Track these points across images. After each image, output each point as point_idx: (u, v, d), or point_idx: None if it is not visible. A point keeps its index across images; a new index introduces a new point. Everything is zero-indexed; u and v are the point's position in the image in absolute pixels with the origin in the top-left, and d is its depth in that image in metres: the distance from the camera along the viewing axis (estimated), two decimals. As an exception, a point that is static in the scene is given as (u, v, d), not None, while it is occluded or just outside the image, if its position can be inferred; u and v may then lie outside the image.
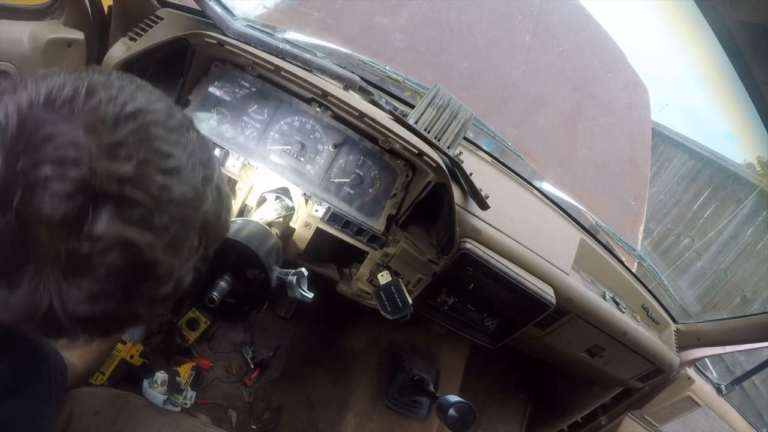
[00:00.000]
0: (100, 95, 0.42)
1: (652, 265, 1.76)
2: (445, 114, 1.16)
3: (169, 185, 0.44)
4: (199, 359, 1.72)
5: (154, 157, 0.43)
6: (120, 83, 0.46)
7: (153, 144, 0.44)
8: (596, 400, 1.81)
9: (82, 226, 0.39)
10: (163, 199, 0.43)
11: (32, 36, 1.04)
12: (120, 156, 0.41)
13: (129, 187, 0.41)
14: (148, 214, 0.42)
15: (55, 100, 0.41)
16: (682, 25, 0.92)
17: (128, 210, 0.41)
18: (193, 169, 0.47)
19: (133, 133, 0.42)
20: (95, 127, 0.40)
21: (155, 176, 0.43)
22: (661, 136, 6.42)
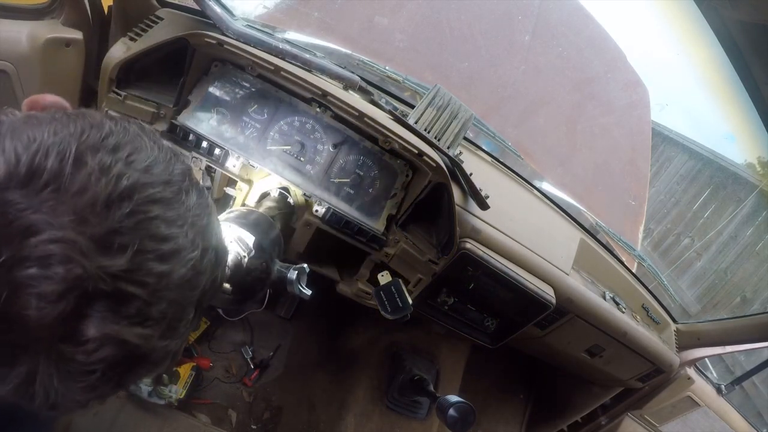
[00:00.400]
0: (90, 167, 0.37)
1: (652, 265, 1.76)
2: (445, 114, 1.16)
3: (168, 272, 0.40)
4: (199, 359, 1.72)
5: (151, 244, 0.39)
6: (114, 141, 0.40)
7: (150, 228, 0.39)
8: (596, 400, 1.81)
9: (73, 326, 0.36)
10: (161, 288, 0.40)
11: (31, 35, 1.04)
12: (113, 248, 0.36)
13: (123, 283, 0.37)
14: (144, 306, 0.38)
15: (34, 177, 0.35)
16: (682, 25, 0.92)
17: (123, 307, 0.37)
18: (192, 244, 0.43)
19: (128, 216, 0.37)
20: (84, 215, 0.35)
21: (152, 266, 0.39)
22: (661, 136, 6.43)
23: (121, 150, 0.40)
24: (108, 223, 0.36)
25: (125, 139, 0.42)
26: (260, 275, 0.89)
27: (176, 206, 0.42)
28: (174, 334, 0.43)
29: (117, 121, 0.43)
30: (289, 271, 0.92)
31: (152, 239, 0.39)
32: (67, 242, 0.34)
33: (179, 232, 0.41)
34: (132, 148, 0.41)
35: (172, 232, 0.41)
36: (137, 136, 0.43)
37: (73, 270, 0.34)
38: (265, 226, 0.96)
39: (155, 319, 0.40)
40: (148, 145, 0.43)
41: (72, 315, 0.35)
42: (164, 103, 1.09)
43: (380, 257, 1.20)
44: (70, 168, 0.36)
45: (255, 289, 0.90)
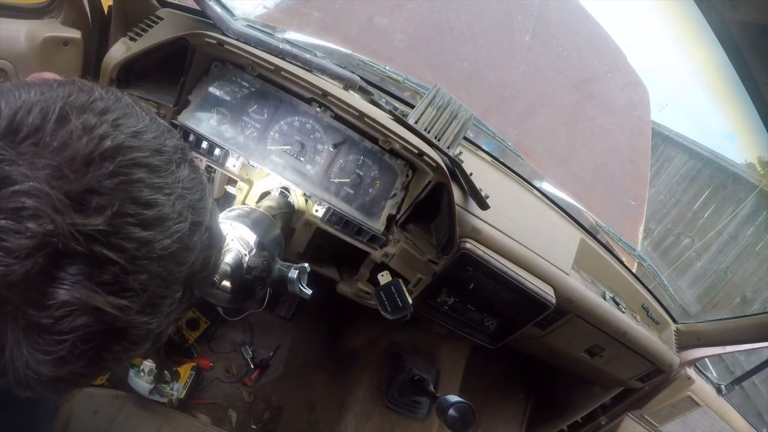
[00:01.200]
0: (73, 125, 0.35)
1: (652, 265, 1.76)
2: (445, 114, 1.16)
3: (149, 239, 0.37)
4: (199, 359, 1.72)
5: (132, 207, 0.36)
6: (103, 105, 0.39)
7: (132, 191, 0.37)
8: (596, 400, 1.80)
9: (43, 289, 0.34)
10: (141, 256, 0.37)
11: (29, 34, 1.05)
12: (90, 207, 0.34)
13: (99, 245, 0.34)
14: (122, 274, 0.36)
15: (18, 129, 0.34)
16: (682, 25, 0.92)
17: (98, 271, 0.35)
18: (179, 216, 0.40)
19: (108, 176, 0.35)
20: (62, 170, 0.34)
21: (132, 230, 0.36)
22: (661, 136, 6.43)
23: (108, 113, 0.38)
24: (86, 180, 0.34)
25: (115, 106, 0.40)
26: (261, 274, 0.89)
27: (164, 174, 0.40)
28: (156, 311, 0.40)
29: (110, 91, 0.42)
30: (290, 271, 0.92)
31: (134, 203, 0.37)
32: (41, 195, 0.32)
33: (165, 200, 0.39)
34: (121, 113, 0.39)
35: (157, 198, 0.38)
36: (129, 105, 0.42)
37: (44, 225, 0.32)
38: (267, 224, 0.96)
39: (134, 290, 0.37)
40: (140, 114, 0.42)
41: (41, 275, 0.33)
42: (164, 103, 1.10)
43: (380, 257, 1.20)
44: (52, 124, 0.35)
45: (255, 288, 0.90)
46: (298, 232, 1.17)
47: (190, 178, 0.43)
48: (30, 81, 0.40)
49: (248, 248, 0.88)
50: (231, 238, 0.88)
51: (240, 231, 0.89)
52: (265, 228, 0.93)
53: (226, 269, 0.82)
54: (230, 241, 0.89)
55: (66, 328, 0.35)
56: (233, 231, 0.89)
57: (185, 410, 1.58)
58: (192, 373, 1.63)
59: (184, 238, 0.41)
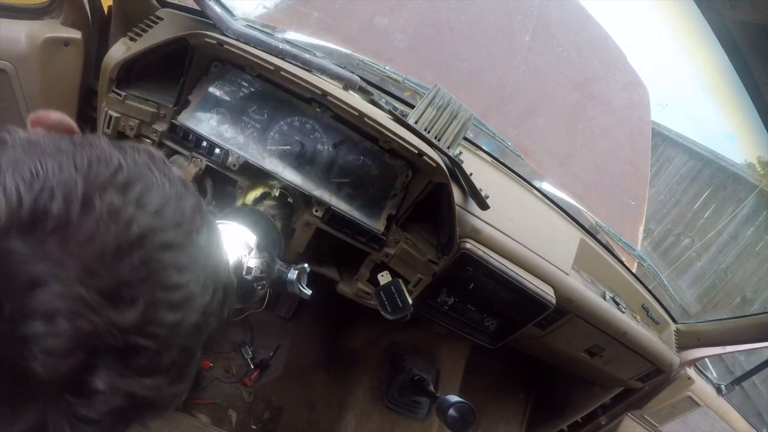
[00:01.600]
0: (99, 211, 0.34)
1: (652, 265, 1.76)
2: (445, 114, 1.16)
3: (179, 321, 0.38)
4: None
5: (162, 294, 0.36)
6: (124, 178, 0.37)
7: (162, 278, 0.37)
8: (596, 400, 1.80)
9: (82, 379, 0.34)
10: (171, 337, 0.38)
11: (30, 35, 1.05)
12: (124, 301, 0.34)
13: (134, 335, 0.35)
14: (155, 357, 0.37)
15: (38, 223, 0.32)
16: (682, 25, 0.92)
17: (133, 359, 0.35)
18: (204, 289, 0.40)
19: (138, 267, 0.35)
20: (93, 267, 0.33)
21: (163, 316, 0.36)
22: (661, 136, 6.43)
23: (131, 189, 0.37)
24: (118, 275, 0.34)
25: (135, 176, 0.38)
26: (260, 275, 0.89)
27: (187, 249, 0.39)
28: (183, 378, 0.41)
29: (126, 152, 0.40)
30: (289, 271, 0.92)
31: (164, 289, 0.37)
32: (74, 298, 0.32)
33: (191, 278, 0.39)
34: (143, 187, 0.38)
35: (184, 279, 0.38)
36: (147, 170, 0.40)
37: (81, 326, 0.32)
38: (266, 225, 0.96)
39: (165, 368, 0.38)
40: (159, 180, 0.40)
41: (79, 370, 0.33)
42: (164, 103, 1.09)
43: (380, 257, 1.20)
44: (77, 213, 0.33)
45: (255, 288, 0.90)
46: (298, 232, 1.17)
47: (209, 242, 0.42)
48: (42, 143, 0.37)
49: (247, 249, 0.88)
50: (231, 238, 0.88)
51: (240, 231, 0.89)
52: (265, 228, 0.94)
53: None
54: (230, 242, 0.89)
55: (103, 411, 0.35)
56: (233, 231, 0.89)
57: (185, 410, 1.58)
58: (192, 373, 1.63)
59: (208, 308, 0.41)
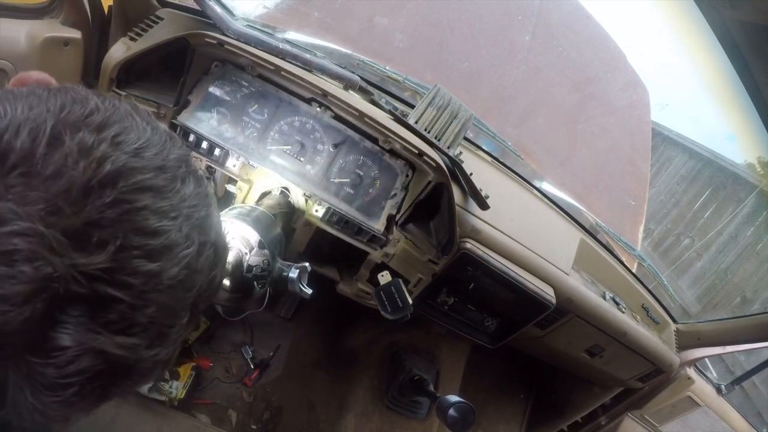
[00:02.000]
0: (67, 147, 0.31)
1: (652, 265, 1.76)
2: (445, 114, 1.16)
3: (157, 271, 0.34)
4: (199, 359, 1.72)
5: (137, 239, 0.33)
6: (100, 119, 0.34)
7: (137, 220, 0.33)
8: (596, 400, 1.80)
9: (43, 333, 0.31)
10: (149, 290, 0.34)
11: (29, 34, 1.05)
12: (91, 243, 0.31)
13: (103, 284, 0.31)
14: (129, 311, 0.33)
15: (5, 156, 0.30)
16: (682, 25, 0.92)
17: (102, 311, 0.32)
18: (187, 239, 0.37)
19: (110, 206, 0.32)
20: (57, 204, 0.30)
21: (138, 264, 0.33)
22: (661, 136, 6.43)
23: (107, 129, 0.34)
24: (85, 213, 0.31)
25: (113, 118, 0.36)
26: (261, 273, 0.89)
27: (169, 196, 0.36)
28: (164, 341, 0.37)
29: (105, 98, 0.37)
30: (290, 270, 0.92)
31: (139, 233, 0.33)
32: (35, 236, 0.29)
33: (172, 226, 0.35)
34: (120, 128, 0.35)
35: (164, 225, 0.35)
36: (128, 115, 0.37)
37: (41, 269, 0.29)
38: (267, 223, 0.96)
39: (142, 325, 0.34)
40: (141, 125, 0.38)
41: (42, 321, 0.30)
42: (164, 103, 1.10)
43: (380, 257, 1.20)
44: (43, 148, 0.31)
45: (255, 286, 0.90)
46: (298, 232, 1.17)
47: (196, 193, 0.40)
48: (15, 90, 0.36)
49: (248, 247, 0.88)
50: (232, 236, 0.88)
51: (241, 229, 0.89)
52: (266, 226, 0.93)
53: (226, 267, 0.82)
54: (231, 240, 0.89)
55: (71, 372, 0.32)
56: (234, 229, 0.89)
57: (185, 410, 1.58)
58: (192, 373, 1.63)
59: (192, 263, 0.38)
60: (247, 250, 0.88)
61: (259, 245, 0.89)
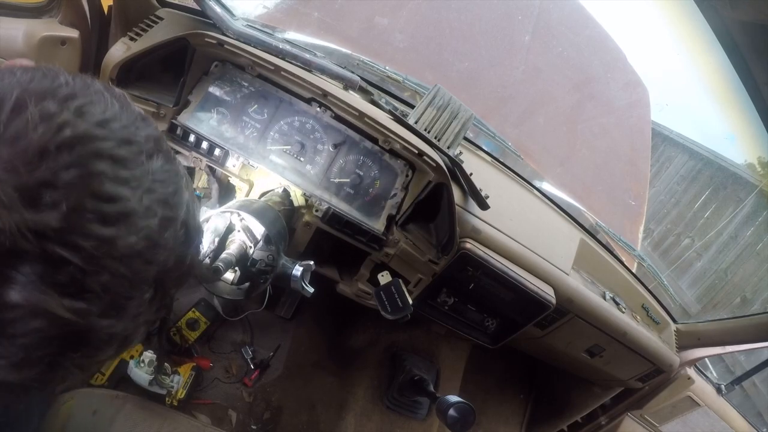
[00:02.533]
0: (29, 113, 0.32)
1: (652, 265, 1.76)
2: (445, 114, 1.16)
3: (111, 237, 0.34)
4: (199, 359, 1.71)
5: (91, 202, 0.33)
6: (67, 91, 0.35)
7: (93, 184, 0.34)
8: (596, 400, 1.80)
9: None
10: (101, 255, 0.34)
11: (27, 33, 1.05)
12: (43, 202, 0.31)
13: (53, 243, 0.32)
14: (79, 275, 0.33)
15: None
16: (682, 25, 0.92)
17: (52, 272, 0.32)
18: (147, 211, 0.37)
19: (65, 169, 0.32)
20: (12, 162, 0.31)
21: (91, 227, 0.33)
22: (661, 136, 6.42)
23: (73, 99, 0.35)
24: (40, 173, 0.31)
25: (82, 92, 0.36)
26: (265, 268, 0.89)
27: (132, 167, 0.36)
28: (120, 313, 0.37)
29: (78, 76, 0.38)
30: (294, 267, 0.92)
31: (94, 197, 0.33)
32: None
33: (130, 194, 0.36)
34: (87, 100, 0.36)
35: (121, 193, 0.35)
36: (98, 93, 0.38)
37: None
38: (272, 217, 0.95)
39: (94, 291, 0.34)
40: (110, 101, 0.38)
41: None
42: (164, 103, 1.10)
43: (380, 257, 1.20)
44: (6, 113, 0.32)
45: (258, 281, 0.90)
46: (298, 232, 1.17)
47: (164, 170, 0.40)
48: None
49: (253, 240, 0.88)
50: (238, 228, 0.88)
51: (248, 221, 0.89)
52: (272, 220, 0.93)
53: (230, 259, 0.82)
54: (236, 232, 0.88)
55: (18, 332, 0.33)
56: (240, 222, 0.89)
57: (185, 410, 1.58)
58: (192, 373, 1.63)
59: (153, 235, 0.37)
60: (251, 243, 0.87)
61: (266, 240, 0.88)
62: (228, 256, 0.82)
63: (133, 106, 0.41)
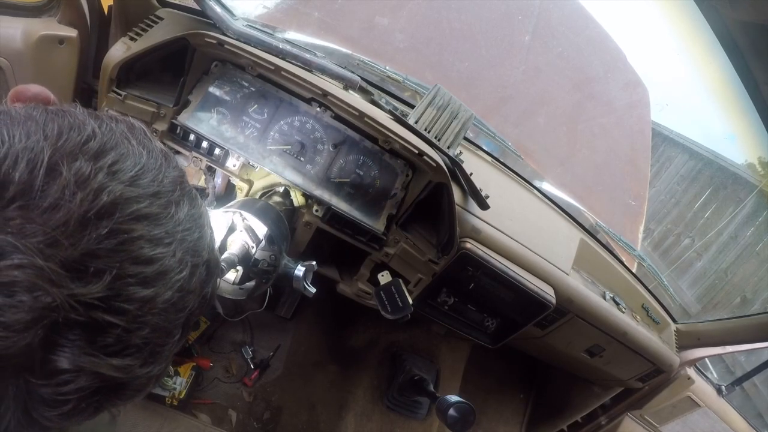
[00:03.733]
0: (65, 178, 0.32)
1: (652, 265, 1.76)
2: (445, 114, 1.16)
3: (152, 297, 0.35)
4: (199, 359, 1.72)
5: (132, 268, 0.34)
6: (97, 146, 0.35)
7: (132, 249, 0.34)
8: (596, 400, 1.80)
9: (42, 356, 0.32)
10: (143, 314, 0.35)
11: (25, 32, 1.05)
12: (88, 273, 0.32)
13: (100, 312, 0.32)
14: (124, 335, 0.34)
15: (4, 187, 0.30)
16: (682, 25, 0.92)
17: (99, 336, 0.33)
18: (180, 264, 0.38)
19: (106, 237, 0.32)
20: (55, 237, 0.31)
21: (133, 291, 0.34)
22: (661, 136, 6.42)
23: (103, 157, 0.35)
24: (83, 245, 0.32)
25: (110, 144, 0.36)
26: (267, 267, 0.89)
27: (164, 222, 0.37)
28: (157, 359, 0.39)
29: (102, 121, 0.38)
30: (296, 267, 0.92)
31: (134, 262, 0.34)
32: (34, 269, 0.30)
33: (166, 252, 0.36)
34: (117, 155, 0.36)
35: (158, 253, 0.36)
36: (124, 139, 0.38)
37: (40, 299, 0.30)
38: (274, 216, 0.95)
39: (136, 346, 0.36)
40: (137, 150, 0.38)
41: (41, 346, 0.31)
42: (164, 103, 1.09)
43: (380, 257, 1.20)
44: (41, 180, 0.31)
45: (260, 281, 0.90)
46: (299, 232, 1.17)
47: (189, 216, 0.40)
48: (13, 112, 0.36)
49: (255, 240, 0.88)
50: (240, 228, 0.88)
51: (250, 221, 0.88)
52: (274, 220, 0.93)
53: (233, 259, 0.82)
54: (238, 232, 0.88)
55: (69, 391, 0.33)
56: (242, 221, 0.89)
57: (185, 410, 1.58)
58: (192, 373, 1.63)
59: (185, 285, 0.39)
60: (253, 243, 0.87)
61: (268, 240, 0.88)
62: (231, 256, 0.82)
63: (155, 143, 0.42)
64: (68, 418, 0.36)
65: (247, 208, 0.90)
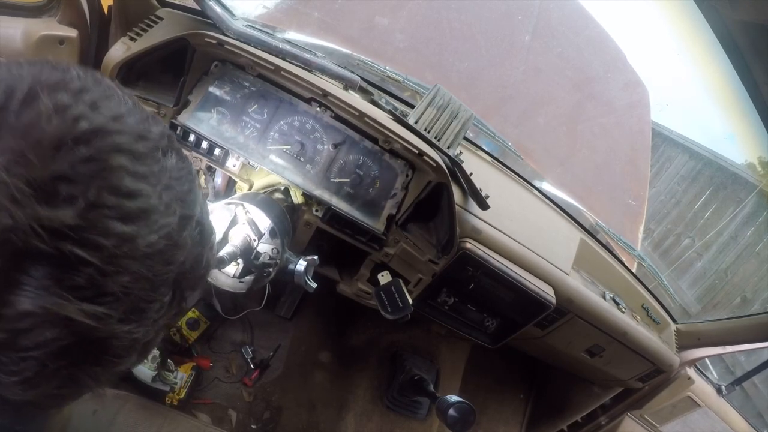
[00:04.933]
0: (43, 104, 0.30)
1: (652, 265, 1.76)
2: (445, 114, 1.16)
3: (132, 235, 0.32)
4: (199, 359, 1.72)
5: (111, 198, 0.31)
6: (80, 85, 0.33)
7: (112, 179, 0.31)
8: (596, 400, 1.80)
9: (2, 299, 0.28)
10: (122, 255, 0.31)
11: (25, 32, 1.05)
12: (59, 197, 0.29)
13: (70, 243, 0.29)
14: (98, 276, 0.30)
15: None
16: (682, 25, 0.92)
17: (68, 274, 0.29)
18: (167, 208, 0.35)
19: (83, 163, 0.30)
20: (25, 154, 0.28)
21: (111, 224, 0.30)
22: (661, 136, 6.42)
23: (86, 93, 0.33)
24: (55, 166, 0.29)
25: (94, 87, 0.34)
26: (269, 261, 0.89)
27: (149, 162, 0.34)
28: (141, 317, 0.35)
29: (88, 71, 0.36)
30: (298, 262, 0.92)
31: (113, 192, 0.31)
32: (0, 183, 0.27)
33: (150, 190, 0.33)
34: (101, 94, 0.34)
35: (141, 188, 0.33)
36: (110, 88, 0.36)
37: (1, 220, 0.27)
38: (277, 210, 0.95)
39: (114, 294, 0.31)
40: (122, 97, 0.36)
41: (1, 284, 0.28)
42: (164, 103, 1.10)
43: (380, 257, 1.20)
44: (17, 104, 0.30)
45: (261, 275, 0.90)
46: (299, 232, 1.17)
47: (179, 167, 0.38)
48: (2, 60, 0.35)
49: (257, 233, 0.87)
50: (242, 221, 0.88)
51: (253, 214, 0.88)
52: (278, 215, 0.93)
53: (235, 251, 0.82)
54: (240, 225, 0.88)
55: (31, 344, 0.29)
56: (245, 214, 0.88)
57: (185, 410, 1.58)
58: (192, 373, 1.63)
59: (173, 234, 0.35)
60: (255, 236, 0.87)
61: (271, 233, 0.88)
62: (233, 248, 0.82)
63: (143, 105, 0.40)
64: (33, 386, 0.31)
65: (249, 200, 0.90)
